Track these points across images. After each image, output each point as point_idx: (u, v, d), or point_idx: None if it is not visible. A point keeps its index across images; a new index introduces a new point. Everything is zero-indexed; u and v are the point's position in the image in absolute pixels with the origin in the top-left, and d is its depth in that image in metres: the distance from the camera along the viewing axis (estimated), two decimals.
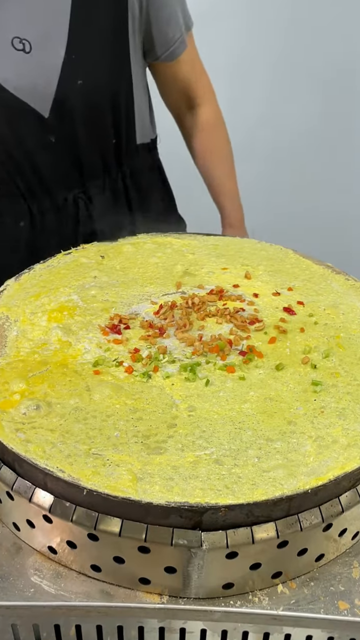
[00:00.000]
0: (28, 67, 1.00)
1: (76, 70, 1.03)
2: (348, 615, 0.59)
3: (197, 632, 0.61)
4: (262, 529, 0.57)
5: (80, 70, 1.03)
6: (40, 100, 1.03)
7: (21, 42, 0.99)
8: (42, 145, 1.07)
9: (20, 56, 1.00)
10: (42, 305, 0.83)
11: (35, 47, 1.00)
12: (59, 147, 1.08)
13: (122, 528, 0.56)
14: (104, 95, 1.08)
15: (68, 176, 1.12)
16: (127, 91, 1.11)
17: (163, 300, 0.86)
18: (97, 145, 1.12)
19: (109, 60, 1.07)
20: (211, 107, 1.26)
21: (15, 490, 0.61)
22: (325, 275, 0.94)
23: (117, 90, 1.10)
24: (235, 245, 1.02)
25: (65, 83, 1.02)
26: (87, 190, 1.15)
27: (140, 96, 1.15)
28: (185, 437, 0.63)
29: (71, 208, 1.14)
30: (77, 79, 1.03)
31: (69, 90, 1.03)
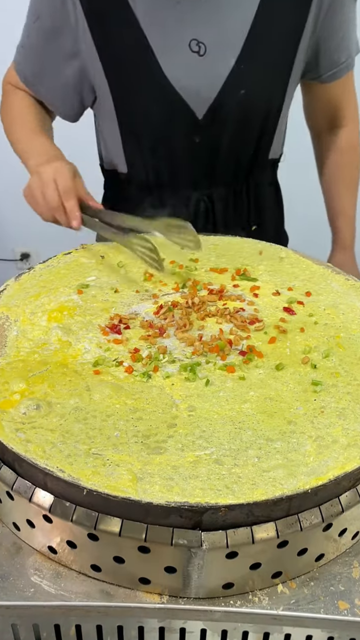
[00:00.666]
0: (198, 69, 1.02)
1: (241, 80, 1.04)
2: (348, 615, 0.59)
3: (197, 632, 0.61)
4: (262, 528, 0.57)
5: (245, 81, 1.05)
6: (199, 102, 1.05)
7: (198, 45, 1.01)
8: (187, 144, 1.09)
9: (193, 58, 1.02)
10: (42, 305, 0.83)
11: (209, 51, 1.02)
12: (201, 150, 1.10)
13: (122, 528, 0.56)
14: (259, 108, 1.10)
15: (199, 178, 1.14)
16: (279, 106, 1.12)
17: (163, 300, 0.86)
18: (236, 154, 1.13)
19: (273, 75, 1.08)
20: (352, 128, 1.26)
21: (15, 490, 0.61)
22: (325, 275, 0.94)
23: (272, 105, 1.11)
24: (235, 245, 1.02)
25: (228, 91, 1.04)
26: (212, 194, 1.16)
27: (285, 112, 1.16)
28: (185, 437, 0.63)
29: (192, 207, 1.16)
30: (240, 89, 1.05)
31: (229, 98, 1.05)
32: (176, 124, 1.07)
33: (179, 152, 1.10)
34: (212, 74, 1.04)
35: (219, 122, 1.07)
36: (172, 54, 1.02)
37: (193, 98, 1.04)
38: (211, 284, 0.90)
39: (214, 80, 1.04)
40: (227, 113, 1.07)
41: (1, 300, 0.84)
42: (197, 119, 1.06)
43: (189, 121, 1.06)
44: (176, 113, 1.06)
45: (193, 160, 1.11)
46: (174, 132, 1.08)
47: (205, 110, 1.05)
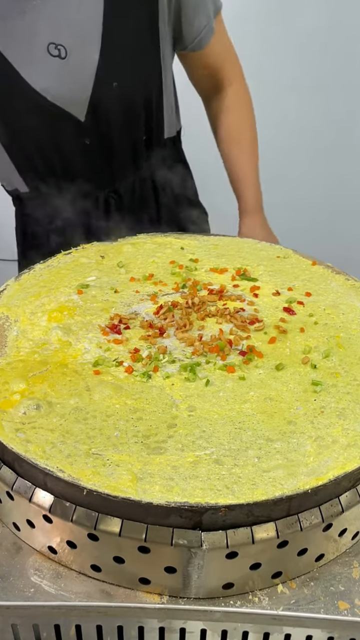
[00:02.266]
0: (64, 73, 1.01)
1: (110, 72, 1.03)
2: (348, 615, 0.59)
3: (197, 632, 0.61)
4: (262, 529, 0.57)
5: (114, 72, 1.03)
6: (77, 105, 1.03)
7: (57, 48, 0.99)
8: (78, 148, 1.08)
9: (56, 62, 1.00)
10: (42, 305, 0.83)
11: (70, 52, 1.00)
12: (94, 149, 1.09)
13: (122, 528, 0.56)
14: (137, 94, 1.08)
15: (100, 176, 1.13)
16: (158, 86, 1.11)
17: (163, 300, 0.86)
18: (129, 144, 1.13)
19: (141, 58, 1.07)
20: (238, 87, 1.24)
21: (15, 490, 0.61)
22: (325, 275, 0.94)
23: (150, 87, 1.10)
24: (235, 245, 1.02)
25: (101, 86, 1.03)
26: (118, 189, 1.16)
27: (168, 88, 1.15)
28: (185, 437, 0.63)
29: (102, 207, 1.16)
30: (112, 81, 1.04)
31: (104, 92, 1.04)
32: (62, 132, 1.05)
33: (73, 159, 1.09)
34: (80, 73, 1.02)
35: (103, 118, 1.06)
36: (33, 64, 0.99)
37: (69, 103, 1.03)
38: (211, 284, 0.90)
39: (84, 79, 1.02)
40: (108, 108, 1.05)
41: (1, 300, 0.84)
42: (81, 122, 1.04)
43: (73, 126, 1.05)
44: (58, 122, 1.04)
45: (89, 162, 1.10)
46: (62, 140, 1.06)
47: (85, 111, 1.04)
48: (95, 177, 1.13)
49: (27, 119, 1.03)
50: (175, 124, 1.22)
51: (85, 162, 1.10)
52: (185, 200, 1.28)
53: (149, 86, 1.09)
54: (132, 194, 1.18)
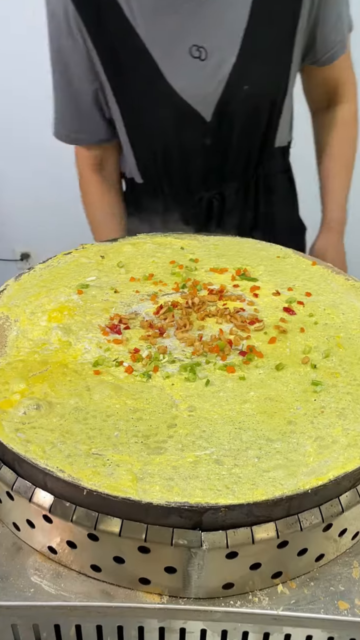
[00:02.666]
0: (201, 74, 1.03)
1: (243, 76, 1.05)
2: (348, 615, 0.59)
3: (197, 632, 0.61)
4: (262, 529, 0.57)
5: (247, 76, 1.05)
6: (205, 105, 1.05)
7: (198, 50, 1.02)
8: (198, 147, 1.10)
9: (195, 64, 1.03)
10: (42, 305, 0.83)
11: (210, 54, 1.02)
12: (212, 150, 1.11)
13: (122, 528, 0.56)
14: (264, 100, 1.10)
15: (211, 178, 1.15)
16: (282, 95, 1.12)
17: (163, 300, 0.86)
18: (245, 149, 1.14)
19: (274, 65, 1.09)
20: (350, 105, 1.26)
21: (15, 490, 0.61)
22: (325, 275, 0.94)
23: (275, 95, 1.11)
24: (235, 245, 1.02)
25: (232, 88, 1.05)
26: (223, 192, 1.17)
27: (289, 98, 1.16)
28: (185, 437, 0.63)
29: (204, 207, 1.17)
30: (244, 84, 1.05)
31: (234, 95, 1.05)
32: (186, 130, 1.08)
33: (190, 157, 1.11)
34: (214, 76, 1.04)
35: (228, 120, 1.08)
36: (175, 62, 1.02)
37: (200, 102, 1.05)
38: (211, 284, 0.90)
39: (217, 80, 1.04)
40: (234, 111, 1.07)
41: (1, 301, 0.84)
42: (206, 122, 1.06)
43: (198, 125, 1.07)
44: (185, 120, 1.06)
45: (204, 162, 1.12)
46: (185, 138, 1.09)
47: (212, 111, 1.06)
48: (206, 178, 1.15)
49: (158, 115, 1.07)
50: (287, 135, 1.23)
51: (200, 162, 1.12)
52: (285, 211, 1.28)
53: (275, 93, 1.11)
54: (236, 199, 1.19)
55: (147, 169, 1.16)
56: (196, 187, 1.16)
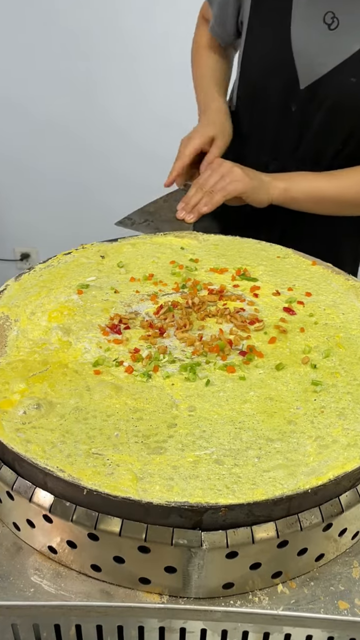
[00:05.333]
0: (322, 40, 1.03)
1: (357, 68, 1.04)
2: (348, 615, 0.59)
3: (197, 632, 0.61)
4: (262, 528, 0.57)
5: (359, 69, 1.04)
6: (308, 72, 1.06)
7: (332, 18, 1.02)
8: (281, 107, 1.12)
9: (322, 29, 1.03)
10: (42, 305, 0.83)
11: (341, 27, 1.02)
12: (292, 119, 1.12)
13: (122, 528, 0.56)
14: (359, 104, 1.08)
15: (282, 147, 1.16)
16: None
17: (163, 300, 0.86)
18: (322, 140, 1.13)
19: None
20: None
21: (15, 490, 0.61)
22: (325, 275, 0.94)
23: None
24: (235, 245, 1.02)
25: (339, 74, 1.04)
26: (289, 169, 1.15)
27: None
28: (186, 437, 0.63)
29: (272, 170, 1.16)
30: (352, 76, 1.05)
31: (337, 80, 1.05)
32: (277, 82, 1.09)
33: (272, 112, 1.13)
34: (332, 51, 1.04)
35: (319, 99, 1.07)
36: (305, 18, 1.04)
37: (303, 65, 1.05)
38: (211, 284, 0.90)
39: (331, 57, 1.04)
40: (329, 95, 1.06)
41: (1, 301, 0.84)
42: (299, 87, 1.07)
43: (289, 85, 1.08)
44: (280, 71, 1.07)
45: (282, 126, 1.13)
46: (273, 89, 1.11)
47: (310, 82, 1.06)
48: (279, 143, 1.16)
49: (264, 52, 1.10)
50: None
51: (280, 124, 1.14)
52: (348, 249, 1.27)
53: None
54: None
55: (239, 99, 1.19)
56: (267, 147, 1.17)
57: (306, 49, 1.05)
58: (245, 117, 1.20)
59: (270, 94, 1.13)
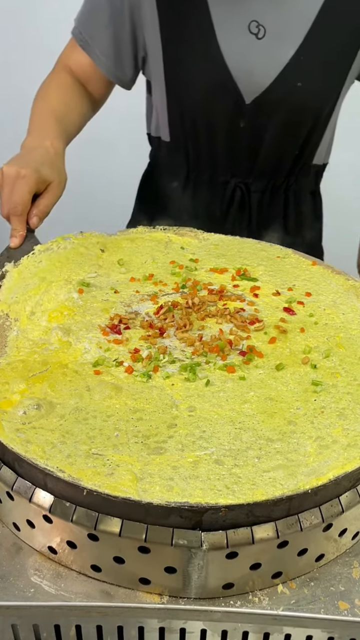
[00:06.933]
0: (254, 52, 1.01)
1: (299, 72, 1.02)
2: (348, 615, 0.59)
3: (197, 632, 0.61)
4: (262, 529, 0.57)
5: (303, 73, 1.03)
6: (250, 86, 1.03)
7: (258, 27, 0.99)
8: (230, 126, 1.08)
9: (250, 39, 1.00)
10: (42, 303, 0.83)
11: (268, 36, 1.00)
12: (244, 135, 1.09)
13: (122, 528, 0.56)
14: (312, 105, 1.07)
15: (239, 164, 1.13)
16: (331, 108, 1.10)
17: (163, 300, 0.86)
18: (280, 149, 1.12)
19: (332, 72, 1.06)
20: None
21: (15, 490, 0.61)
22: (325, 275, 0.94)
23: (325, 105, 1.09)
24: (235, 245, 1.01)
25: (284, 80, 1.02)
26: (250, 184, 1.14)
27: (336, 113, 1.14)
28: (185, 437, 0.63)
29: (228, 194, 1.15)
30: (298, 81, 1.03)
31: (283, 88, 1.03)
32: (221, 103, 1.05)
33: (220, 133, 1.09)
34: (268, 60, 1.02)
35: (268, 111, 1.05)
36: (231, 31, 1.00)
37: (244, 80, 1.02)
38: (211, 284, 0.90)
39: (270, 67, 1.02)
40: (279, 104, 1.04)
41: (1, 294, 0.84)
42: (244, 103, 1.04)
43: (234, 103, 1.04)
44: (223, 92, 1.04)
45: (234, 144, 1.10)
46: (218, 111, 1.06)
47: (254, 96, 1.03)
48: (234, 161, 1.12)
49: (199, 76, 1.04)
50: (325, 155, 1.20)
51: (231, 142, 1.10)
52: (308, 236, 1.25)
53: (325, 102, 1.08)
54: (261, 198, 1.17)
55: (177, 128, 1.12)
56: (222, 168, 1.13)
57: (242, 63, 1.02)
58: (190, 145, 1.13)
59: (216, 115, 1.08)
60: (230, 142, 1.10)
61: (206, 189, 1.13)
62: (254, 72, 1.02)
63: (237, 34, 1.00)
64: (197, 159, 1.12)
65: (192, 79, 1.05)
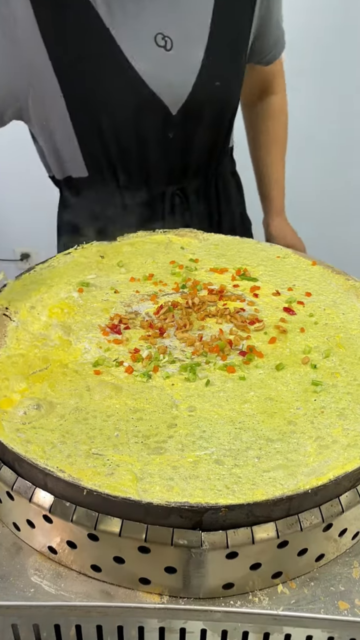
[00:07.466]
0: (167, 64, 1.01)
1: (214, 72, 1.04)
2: (348, 615, 0.59)
3: (197, 632, 0.61)
4: (262, 529, 0.57)
5: (216, 73, 1.04)
6: (173, 97, 1.03)
7: (164, 39, 0.99)
8: (159, 139, 1.07)
9: (160, 53, 1.00)
10: (42, 300, 0.83)
11: (176, 45, 1.00)
12: (174, 144, 1.08)
13: (122, 528, 0.56)
14: (229, 98, 1.10)
15: (172, 172, 1.13)
16: (239, 92, 1.14)
17: (163, 300, 0.86)
18: (207, 146, 1.13)
19: (237, 62, 1.09)
20: (282, 95, 1.31)
21: (15, 490, 0.61)
22: (325, 275, 0.94)
23: (238, 93, 1.12)
24: (235, 245, 1.02)
25: (202, 84, 1.03)
26: (185, 188, 1.15)
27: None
28: (186, 437, 0.63)
29: (167, 202, 1.15)
30: (215, 81, 1.04)
31: (203, 92, 1.04)
32: (148, 120, 1.03)
33: (151, 149, 1.07)
34: (183, 69, 1.02)
35: (194, 116, 1.06)
36: (139, 46, 0.99)
37: (166, 93, 1.01)
38: (211, 284, 0.90)
39: (186, 75, 1.02)
40: (202, 106, 1.05)
41: (1, 295, 0.84)
42: (171, 115, 1.03)
43: (162, 117, 1.03)
44: (148, 109, 1.02)
45: (166, 155, 1.09)
46: (146, 128, 1.04)
47: (179, 105, 1.03)
48: (167, 171, 1.12)
49: (119, 98, 1.00)
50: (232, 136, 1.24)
51: (162, 155, 1.09)
52: (237, 210, 1.30)
53: (237, 91, 1.12)
54: (197, 196, 1.18)
55: (96, 160, 1.06)
56: (157, 181, 1.11)
57: (159, 78, 1.00)
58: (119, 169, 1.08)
59: (144, 133, 1.05)
60: (162, 154, 1.09)
61: (143, 205, 1.12)
62: (173, 84, 1.02)
63: (146, 49, 0.99)
64: (128, 179, 1.10)
65: (111, 105, 1.00)
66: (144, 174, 1.10)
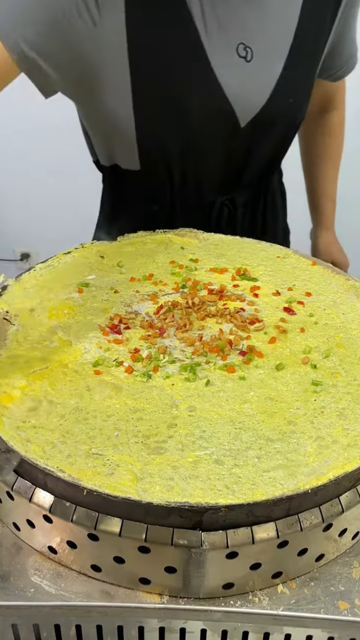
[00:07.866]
0: (245, 75, 0.99)
1: (289, 87, 1.02)
2: (348, 615, 0.59)
3: (197, 632, 0.61)
4: (262, 529, 0.57)
5: (292, 88, 1.03)
6: (246, 110, 1.02)
7: (245, 50, 0.98)
8: (221, 149, 1.06)
9: (240, 63, 0.98)
10: (42, 302, 0.83)
11: (256, 57, 0.99)
12: (234, 155, 1.07)
13: (122, 528, 0.56)
14: (298, 114, 1.09)
15: (226, 183, 1.12)
16: (306, 109, 1.12)
17: (163, 300, 0.86)
18: (266, 161, 1.12)
19: (311, 79, 1.08)
20: (342, 111, 1.30)
21: (15, 490, 0.61)
22: (325, 275, 0.94)
23: (305, 109, 1.11)
24: (235, 245, 1.02)
25: (278, 99, 1.02)
26: (235, 200, 1.14)
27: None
28: (185, 437, 0.63)
29: (215, 213, 1.14)
30: (289, 97, 1.03)
31: (277, 106, 1.03)
32: (216, 129, 1.03)
33: (211, 157, 1.06)
34: (259, 82, 1.01)
35: (262, 129, 1.05)
36: (222, 56, 0.97)
37: (240, 105, 1.01)
38: (211, 284, 0.90)
39: (262, 88, 1.01)
40: (274, 121, 1.05)
41: (1, 298, 0.84)
42: (239, 127, 1.03)
43: (230, 128, 1.03)
44: (219, 118, 1.01)
45: (225, 165, 1.08)
46: (212, 137, 1.04)
47: (250, 118, 1.02)
48: (222, 182, 1.11)
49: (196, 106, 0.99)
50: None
51: (221, 164, 1.08)
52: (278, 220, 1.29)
53: (306, 107, 1.11)
54: (244, 209, 1.17)
55: (151, 159, 1.05)
56: (210, 189, 1.11)
57: (238, 89, 0.99)
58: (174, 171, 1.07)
59: (209, 142, 1.04)
60: (220, 164, 1.08)
61: (193, 211, 1.12)
62: (248, 97, 1.01)
63: (228, 59, 0.98)
64: (182, 183, 1.09)
65: (185, 105, 0.99)
66: (198, 181, 1.09)
